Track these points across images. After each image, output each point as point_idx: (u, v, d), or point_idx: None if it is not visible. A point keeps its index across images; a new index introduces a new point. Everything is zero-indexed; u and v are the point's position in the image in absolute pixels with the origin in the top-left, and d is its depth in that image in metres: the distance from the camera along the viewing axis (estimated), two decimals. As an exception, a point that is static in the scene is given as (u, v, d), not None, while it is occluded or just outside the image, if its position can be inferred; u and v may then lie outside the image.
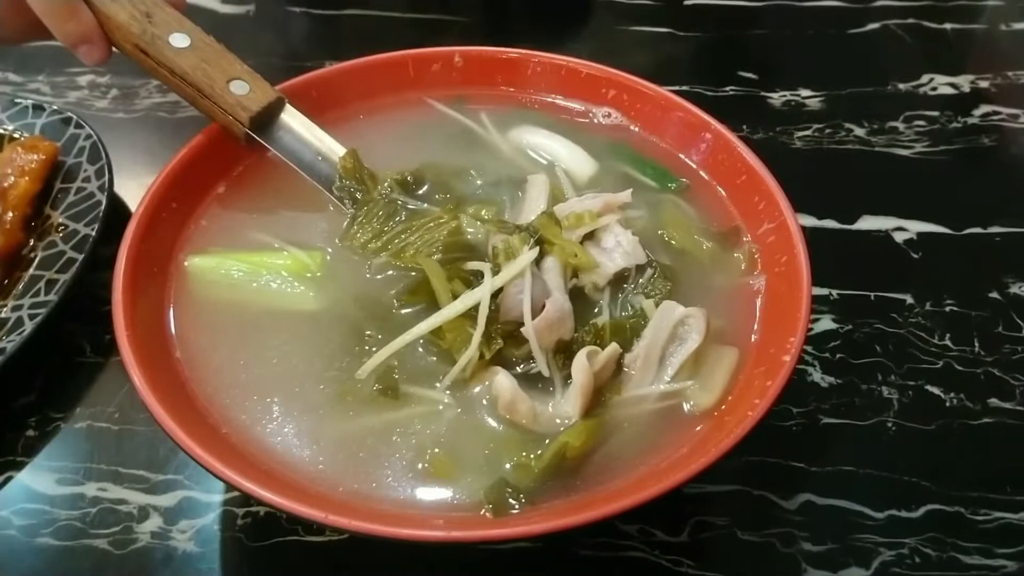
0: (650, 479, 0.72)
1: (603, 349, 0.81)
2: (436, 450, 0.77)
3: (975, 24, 1.70)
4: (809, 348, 1.11)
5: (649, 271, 0.89)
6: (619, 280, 0.88)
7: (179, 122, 0.96)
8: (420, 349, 0.83)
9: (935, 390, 1.08)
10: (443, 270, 0.84)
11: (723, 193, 0.99)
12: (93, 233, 1.12)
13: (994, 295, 1.19)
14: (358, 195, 0.95)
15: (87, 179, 1.21)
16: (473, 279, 0.84)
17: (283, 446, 0.77)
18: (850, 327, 1.14)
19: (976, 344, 1.13)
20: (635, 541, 0.93)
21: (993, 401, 1.07)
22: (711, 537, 0.94)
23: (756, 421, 0.72)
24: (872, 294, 1.18)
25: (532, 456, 0.76)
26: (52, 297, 1.06)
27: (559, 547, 0.92)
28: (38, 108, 1.30)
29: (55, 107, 1.30)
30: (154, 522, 0.94)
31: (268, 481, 0.70)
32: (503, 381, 0.79)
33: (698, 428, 0.79)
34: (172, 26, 0.94)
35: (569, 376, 0.80)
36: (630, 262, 0.88)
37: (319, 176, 0.97)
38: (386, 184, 0.96)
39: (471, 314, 0.80)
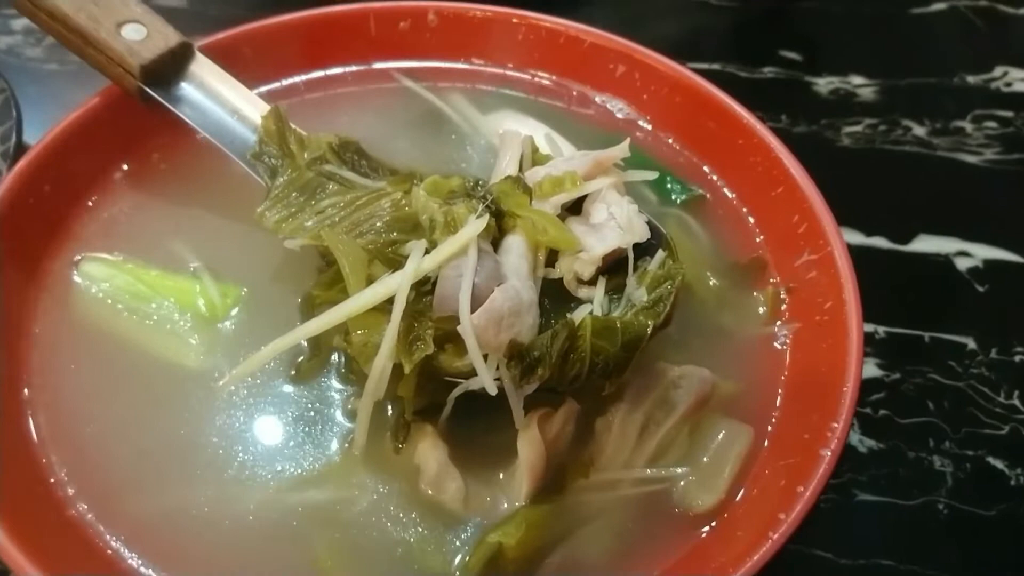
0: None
1: (572, 377, 0.59)
2: (329, 558, 0.57)
3: (1059, 10, 1.46)
4: (845, 400, 0.91)
5: (660, 253, 0.65)
6: (615, 269, 0.65)
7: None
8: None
9: (998, 463, 0.88)
10: (364, 251, 0.63)
11: (747, 211, 0.78)
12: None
13: (1076, 344, 0.97)
14: (278, 164, 0.74)
15: (-10, 141, 1.01)
16: None
17: (123, 526, 0.58)
18: (898, 376, 0.94)
19: (1052, 406, 0.92)
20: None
21: (1071, 482, 0.86)
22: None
23: (779, 547, 0.52)
24: (927, 335, 0.97)
25: (458, 565, 0.56)
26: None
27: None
28: (-52, 53, 1.11)
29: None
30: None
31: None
32: (428, 450, 0.60)
33: (697, 534, 0.59)
34: (55, -39, 0.73)
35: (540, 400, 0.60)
36: (627, 241, 0.64)
37: (232, 140, 0.77)
38: (318, 151, 0.74)
39: (389, 308, 0.59)
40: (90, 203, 0.76)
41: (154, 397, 0.64)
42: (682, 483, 0.61)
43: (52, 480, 0.60)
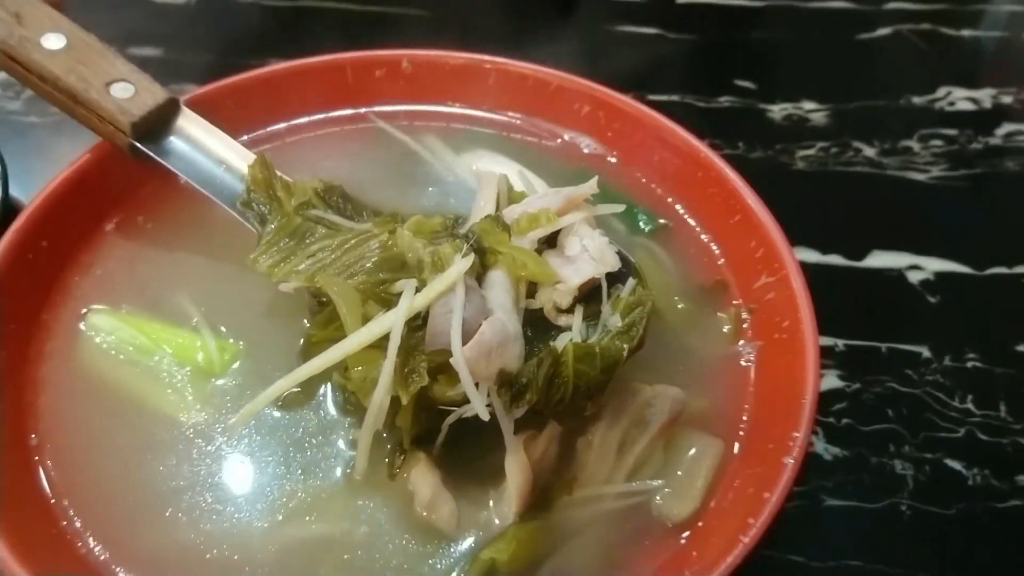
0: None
1: (557, 400, 0.63)
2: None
3: (996, 32, 1.54)
4: (810, 411, 0.96)
5: (631, 281, 0.70)
6: (590, 297, 0.70)
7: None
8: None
9: (956, 465, 0.93)
10: (357, 292, 0.67)
11: (709, 238, 0.83)
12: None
13: (1023, 348, 1.03)
14: (266, 211, 0.77)
15: (-23, 196, 1.04)
16: None
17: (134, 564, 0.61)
18: (858, 386, 0.99)
19: (1002, 408, 0.97)
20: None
21: (1023, 479, 0.91)
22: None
23: (750, 549, 0.57)
24: (883, 345, 1.03)
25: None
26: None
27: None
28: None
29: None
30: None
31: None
32: (422, 474, 0.64)
33: (676, 542, 0.63)
34: (44, 25, 0.77)
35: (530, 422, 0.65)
36: (600, 271, 0.69)
37: (221, 190, 0.80)
38: (304, 196, 0.78)
39: (384, 345, 0.63)
40: (88, 257, 0.79)
41: (155, 444, 0.68)
42: (659, 495, 0.66)
43: (64, 523, 0.63)
